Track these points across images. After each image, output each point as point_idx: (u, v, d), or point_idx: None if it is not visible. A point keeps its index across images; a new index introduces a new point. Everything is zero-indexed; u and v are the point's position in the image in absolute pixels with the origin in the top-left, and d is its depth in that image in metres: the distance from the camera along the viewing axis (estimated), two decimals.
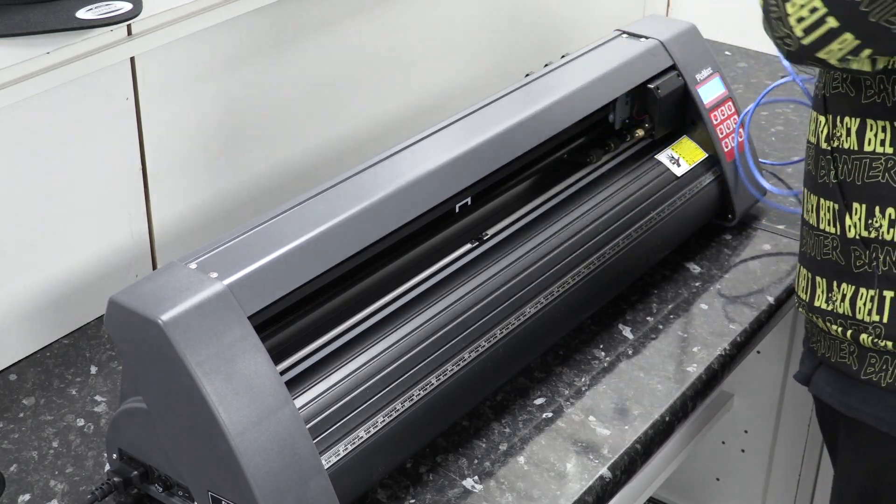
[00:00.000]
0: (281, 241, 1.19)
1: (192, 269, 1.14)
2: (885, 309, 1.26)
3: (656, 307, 1.53)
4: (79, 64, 1.39)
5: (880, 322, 1.26)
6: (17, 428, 1.35)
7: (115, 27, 1.38)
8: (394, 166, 1.32)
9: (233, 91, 1.61)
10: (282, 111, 1.70)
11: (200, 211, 1.63)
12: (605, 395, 1.38)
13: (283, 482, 1.09)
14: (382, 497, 1.24)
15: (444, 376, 1.27)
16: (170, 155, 1.56)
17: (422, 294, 1.32)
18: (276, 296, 1.16)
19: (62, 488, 1.27)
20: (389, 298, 1.30)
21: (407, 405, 1.23)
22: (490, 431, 1.33)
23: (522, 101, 1.46)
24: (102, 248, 1.52)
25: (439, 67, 1.95)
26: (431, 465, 1.28)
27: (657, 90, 1.59)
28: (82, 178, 1.47)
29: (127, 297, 1.11)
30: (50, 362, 1.46)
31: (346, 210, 1.24)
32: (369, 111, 1.85)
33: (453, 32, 1.96)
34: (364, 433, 1.19)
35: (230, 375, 1.08)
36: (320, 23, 1.70)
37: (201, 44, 1.54)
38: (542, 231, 1.44)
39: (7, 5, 1.30)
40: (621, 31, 1.65)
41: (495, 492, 1.25)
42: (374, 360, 1.23)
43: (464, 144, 1.36)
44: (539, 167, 1.53)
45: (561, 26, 2.17)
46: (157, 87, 1.51)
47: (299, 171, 1.75)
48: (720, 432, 1.98)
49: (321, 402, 1.18)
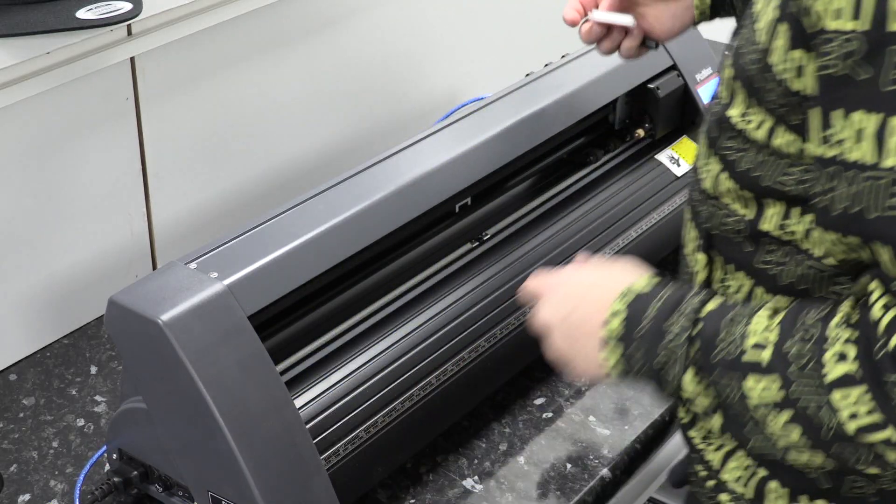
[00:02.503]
0: (281, 241, 1.19)
1: (192, 269, 1.13)
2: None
3: None
4: (79, 64, 1.39)
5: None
6: (17, 428, 1.35)
7: (115, 27, 1.38)
8: (394, 166, 1.32)
9: (233, 91, 1.61)
10: (282, 111, 1.70)
11: (200, 211, 1.63)
12: (605, 395, 1.38)
13: (283, 482, 1.08)
14: (382, 497, 1.24)
15: (444, 376, 1.27)
16: (170, 155, 1.56)
17: (422, 294, 1.32)
18: (276, 296, 1.16)
19: (62, 488, 1.27)
20: (389, 298, 1.30)
21: (407, 405, 1.23)
22: (490, 431, 1.33)
23: (522, 101, 1.46)
24: (102, 248, 1.52)
25: (440, 67, 1.95)
26: (431, 465, 1.28)
27: (657, 90, 1.59)
28: (82, 178, 1.46)
29: (127, 297, 1.11)
30: (50, 362, 1.46)
31: (346, 210, 1.24)
32: (370, 111, 1.85)
33: (454, 32, 1.96)
34: (364, 433, 1.19)
35: (230, 375, 1.08)
36: (320, 23, 1.70)
37: (201, 44, 1.53)
38: (542, 231, 1.44)
39: (7, 5, 1.30)
40: None
41: (495, 492, 1.25)
42: (374, 360, 1.23)
43: (464, 144, 1.36)
44: (539, 167, 1.53)
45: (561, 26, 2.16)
46: (157, 87, 1.51)
47: (299, 171, 1.75)
48: None
49: (321, 402, 1.18)
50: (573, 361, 1.04)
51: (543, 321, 1.06)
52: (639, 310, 0.97)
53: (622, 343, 0.98)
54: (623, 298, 0.99)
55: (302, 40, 1.68)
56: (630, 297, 0.99)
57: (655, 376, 0.97)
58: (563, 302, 1.04)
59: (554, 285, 1.07)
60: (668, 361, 0.95)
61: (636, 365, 0.97)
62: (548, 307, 1.06)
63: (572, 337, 1.03)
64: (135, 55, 1.46)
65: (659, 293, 0.98)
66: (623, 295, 0.99)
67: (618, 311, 0.98)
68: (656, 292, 0.98)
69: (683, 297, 0.96)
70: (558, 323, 1.04)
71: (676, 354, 0.94)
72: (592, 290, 1.03)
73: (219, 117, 1.61)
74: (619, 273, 1.03)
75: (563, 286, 1.06)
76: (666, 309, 0.96)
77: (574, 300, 1.03)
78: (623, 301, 0.99)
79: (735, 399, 0.92)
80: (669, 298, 0.97)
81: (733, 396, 0.92)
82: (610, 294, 1.00)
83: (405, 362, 1.25)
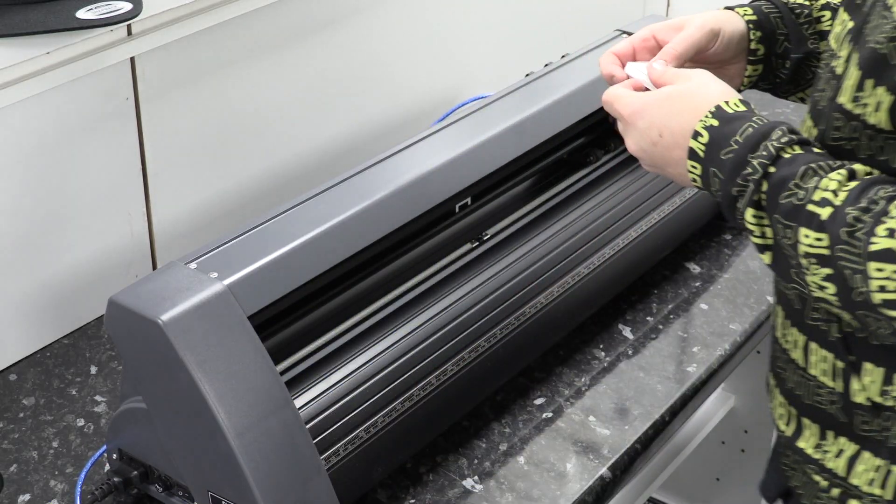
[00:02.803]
0: (281, 241, 1.19)
1: (192, 269, 1.13)
2: (889, 484, 1.05)
3: (656, 307, 1.53)
4: (79, 64, 1.39)
5: (881, 498, 1.05)
6: (17, 428, 1.35)
7: (115, 27, 1.38)
8: (394, 166, 1.32)
9: (233, 91, 1.61)
10: (281, 111, 1.70)
11: (200, 211, 1.63)
12: (605, 395, 1.38)
13: (283, 482, 1.08)
14: (382, 497, 1.24)
15: (444, 376, 1.27)
16: (170, 155, 1.56)
17: (422, 294, 1.32)
18: (276, 296, 1.16)
19: (62, 488, 1.27)
20: (389, 298, 1.30)
21: (407, 405, 1.23)
22: (490, 431, 1.33)
23: (522, 101, 1.46)
24: (102, 248, 1.52)
25: (440, 67, 1.95)
26: (431, 465, 1.28)
27: None
28: (82, 178, 1.47)
29: (127, 297, 1.11)
30: (50, 362, 1.46)
31: (346, 210, 1.24)
32: (370, 111, 1.85)
33: (454, 32, 1.96)
34: (364, 433, 1.19)
35: (230, 375, 1.08)
36: (320, 23, 1.70)
37: (201, 44, 1.54)
38: (542, 231, 1.44)
39: (7, 5, 1.30)
40: (621, 31, 1.65)
41: (495, 492, 1.25)
42: (374, 360, 1.23)
43: (464, 144, 1.36)
44: (539, 167, 1.52)
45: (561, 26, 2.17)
46: (157, 87, 1.51)
47: (299, 171, 1.75)
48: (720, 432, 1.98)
49: (321, 402, 1.18)
50: (664, 173, 1.09)
51: (632, 150, 1.10)
52: (726, 131, 1.00)
53: (706, 162, 1.01)
54: (713, 116, 1.01)
55: (302, 40, 1.68)
56: (719, 115, 1.01)
57: (727, 200, 1.00)
58: (648, 130, 1.06)
59: (637, 111, 1.08)
60: (742, 192, 0.98)
61: (714, 185, 1.01)
62: (634, 136, 1.08)
63: (663, 158, 1.06)
64: (135, 55, 1.46)
65: (749, 116, 1.00)
66: (712, 113, 1.01)
67: (707, 128, 1.01)
68: (747, 115, 1.00)
69: (773, 129, 0.98)
70: (648, 149, 1.07)
71: (749, 187, 0.97)
72: (677, 103, 1.05)
73: (219, 117, 1.61)
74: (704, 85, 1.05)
75: (646, 111, 1.07)
76: (753, 138, 0.98)
77: (659, 125, 1.05)
78: (713, 118, 1.01)
79: (789, 242, 0.96)
80: (758, 129, 0.99)
81: (788, 239, 0.96)
82: (696, 109, 1.03)
83: (405, 362, 1.25)
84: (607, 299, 1.52)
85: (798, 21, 1.20)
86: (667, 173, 1.08)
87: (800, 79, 1.21)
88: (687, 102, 1.04)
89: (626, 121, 1.09)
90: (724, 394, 1.91)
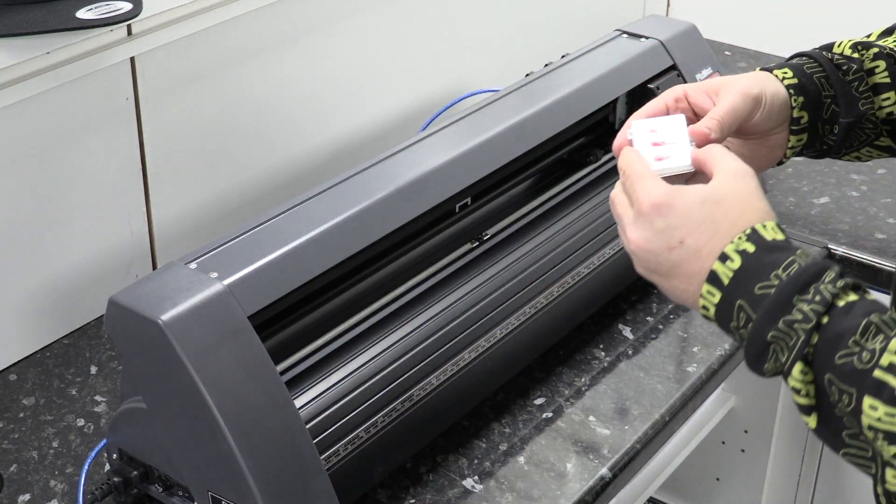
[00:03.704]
0: (281, 241, 1.19)
1: (192, 269, 1.13)
2: None
3: (656, 307, 1.53)
4: (79, 64, 1.39)
5: None
6: (17, 428, 1.35)
7: (115, 27, 1.38)
8: (394, 166, 1.32)
9: (233, 91, 1.61)
10: (281, 111, 1.70)
11: (200, 211, 1.63)
12: (605, 395, 1.38)
13: (283, 482, 1.08)
14: (382, 497, 1.24)
15: (444, 376, 1.27)
16: (170, 155, 1.56)
17: (422, 294, 1.32)
18: (276, 296, 1.16)
19: (62, 488, 1.27)
20: (389, 298, 1.30)
21: (407, 405, 1.23)
22: (490, 431, 1.33)
23: (522, 101, 1.46)
24: (102, 248, 1.52)
25: (440, 67, 1.95)
26: (431, 465, 1.28)
27: (657, 90, 1.58)
28: (82, 178, 1.47)
29: (127, 297, 1.11)
30: (50, 362, 1.46)
31: (346, 210, 1.24)
32: (370, 111, 1.85)
33: (454, 32, 1.96)
34: (364, 433, 1.19)
35: (230, 375, 1.08)
36: (320, 23, 1.70)
37: (201, 44, 1.54)
38: (542, 231, 1.44)
39: (7, 5, 1.30)
40: (621, 31, 1.65)
41: (495, 492, 1.25)
42: (374, 360, 1.23)
43: (464, 144, 1.36)
44: (539, 167, 1.53)
45: (561, 26, 2.17)
46: (157, 87, 1.51)
47: (299, 171, 1.75)
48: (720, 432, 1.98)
49: (321, 402, 1.18)
50: (661, 283, 0.90)
51: (634, 246, 0.89)
52: (766, 262, 0.83)
53: (731, 291, 0.84)
54: (748, 239, 0.84)
55: (302, 40, 1.68)
56: (756, 240, 0.84)
57: (757, 344, 0.83)
58: (668, 231, 0.87)
59: (662, 205, 0.88)
60: (784, 340, 0.81)
61: (737, 321, 0.84)
62: (645, 233, 0.89)
63: (673, 268, 0.87)
64: (135, 55, 1.46)
65: (793, 249, 0.83)
66: (747, 236, 0.84)
67: (740, 252, 0.84)
68: (789, 247, 0.84)
69: (825, 269, 0.81)
70: (657, 252, 0.88)
71: (797, 337, 0.80)
72: (716, 211, 0.86)
73: (219, 117, 1.61)
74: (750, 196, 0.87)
75: (674, 210, 0.87)
76: (802, 277, 0.81)
77: (685, 231, 0.86)
78: (748, 241, 0.84)
79: (847, 409, 0.79)
80: (806, 267, 0.82)
81: (846, 405, 0.79)
82: (733, 225, 0.85)
83: (405, 362, 1.25)
84: (607, 299, 1.52)
85: (846, 79, 1.05)
86: (664, 285, 0.90)
87: (853, 140, 1.07)
88: (727, 213, 0.86)
89: (644, 212, 0.88)
90: (724, 394, 1.91)
